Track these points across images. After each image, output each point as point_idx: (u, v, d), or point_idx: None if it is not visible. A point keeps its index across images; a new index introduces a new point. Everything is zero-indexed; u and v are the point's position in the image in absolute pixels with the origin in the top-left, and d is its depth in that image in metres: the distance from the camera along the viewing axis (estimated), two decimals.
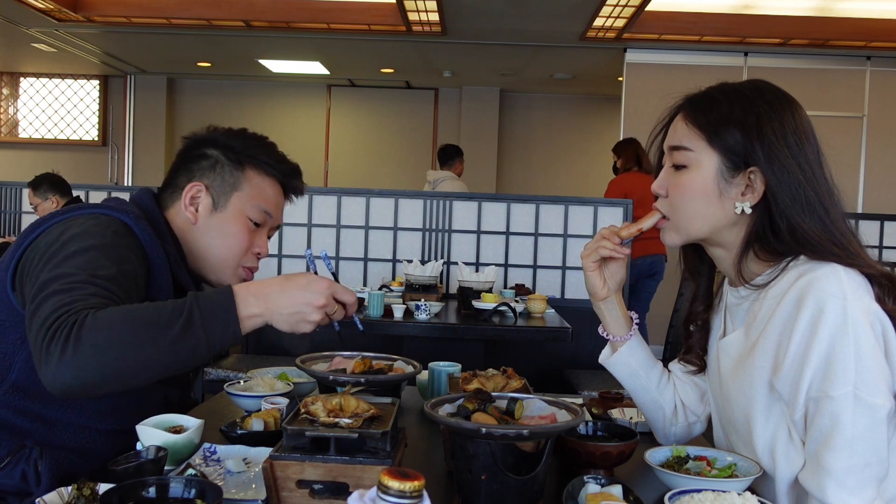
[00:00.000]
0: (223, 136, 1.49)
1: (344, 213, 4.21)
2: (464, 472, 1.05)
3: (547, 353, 3.94)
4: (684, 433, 1.43)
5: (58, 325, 1.05)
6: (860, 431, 1.05)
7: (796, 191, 1.15)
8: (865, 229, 5.07)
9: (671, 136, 1.26)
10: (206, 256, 1.45)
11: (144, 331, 1.05)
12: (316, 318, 1.17)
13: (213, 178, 1.45)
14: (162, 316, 1.07)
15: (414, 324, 2.89)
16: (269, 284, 1.17)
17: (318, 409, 1.07)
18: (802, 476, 1.12)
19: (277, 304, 1.15)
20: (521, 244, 4.17)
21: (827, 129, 7.12)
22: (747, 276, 1.22)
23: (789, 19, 5.90)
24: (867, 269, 1.12)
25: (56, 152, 8.91)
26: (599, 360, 1.43)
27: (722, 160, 1.19)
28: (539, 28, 6.07)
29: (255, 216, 1.46)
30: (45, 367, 1.04)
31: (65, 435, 1.29)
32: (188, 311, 1.08)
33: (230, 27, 6.29)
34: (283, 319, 1.16)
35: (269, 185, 1.48)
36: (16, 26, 6.48)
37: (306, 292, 1.16)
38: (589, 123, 9.07)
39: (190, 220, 1.44)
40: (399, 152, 9.15)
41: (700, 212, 1.21)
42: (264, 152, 1.49)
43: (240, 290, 1.14)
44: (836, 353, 1.06)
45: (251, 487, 1.14)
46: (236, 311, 1.12)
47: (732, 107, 1.19)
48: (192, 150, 1.48)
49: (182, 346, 1.07)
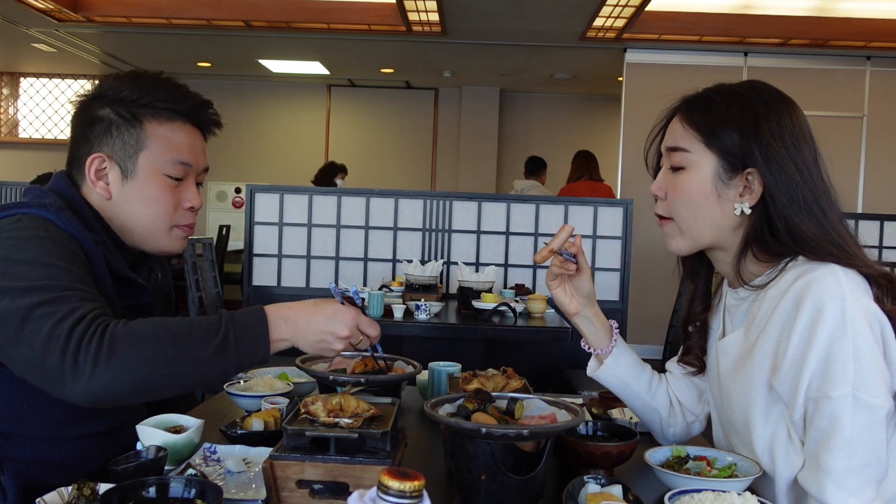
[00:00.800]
0: (111, 87, 1.33)
1: (344, 213, 4.21)
2: (464, 472, 1.05)
3: (547, 353, 3.94)
4: (683, 433, 1.43)
5: (82, 335, 1.02)
6: (859, 432, 1.05)
7: (794, 191, 1.15)
8: (865, 229, 5.07)
9: (668, 137, 1.26)
10: (133, 227, 1.34)
11: (179, 348, 1.06)
12: (339, 347, 1.20)
13: (113, 143, 1.31)
14: (197, 334, 1.08)
15: (414, 324, 2.89)
16: (298, 309, 1.18)
17: (318, 409, 1.07)
18: (802, 476, 1.12)
19: (304, 331, 1.17)
20: (521, 244, 4.17)
21: (827, 129, 7.15)
22: (746, 277, 1.22)
23: (789, 19, 5.90)
24: (865, 269, 1.12)
25: (56, 152, 8.89)
26: (588, 373, 1.43)
27: (719, 162, 1.19)
28: (539, 28, 6.07)
29: (173, 171, 1.33)
30: (74, 380, 1.01)
31: (25, 448, 1.23)
32: (224, 332, 1.09)
33: (230, 27, 6.29)
34: (308, 345, 1.18)
35: (178, 131, 1.34)
36: (16, 26, 6.48)
37: (333, 321, 1.18)
38: (589, 123, 9.06)
39: (104, 196, 1.32)
40: (399, 152, 9.15)
41: (699, 213, 1.21)
42: (160, 95, 1.33)
43: (272, 312, 1.16)
44: (835, 353, 1.06)
45: (251, 487, 1.14)
46: (268, 335, 1.13)
47: (730, 108, 1.19)
48: (83, 113, 1.35)
49: (214, 365, 1.08)
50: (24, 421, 1.23)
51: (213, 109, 1.40)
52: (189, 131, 1.36)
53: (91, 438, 1.28)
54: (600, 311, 1.39)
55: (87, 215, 1.30)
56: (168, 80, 1.36)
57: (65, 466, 1.24)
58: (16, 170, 8.77)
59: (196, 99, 1.37)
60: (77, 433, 1.27)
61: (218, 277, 4.10)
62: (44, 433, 1.24)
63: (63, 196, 1.30)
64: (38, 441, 1.24)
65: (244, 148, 8.97)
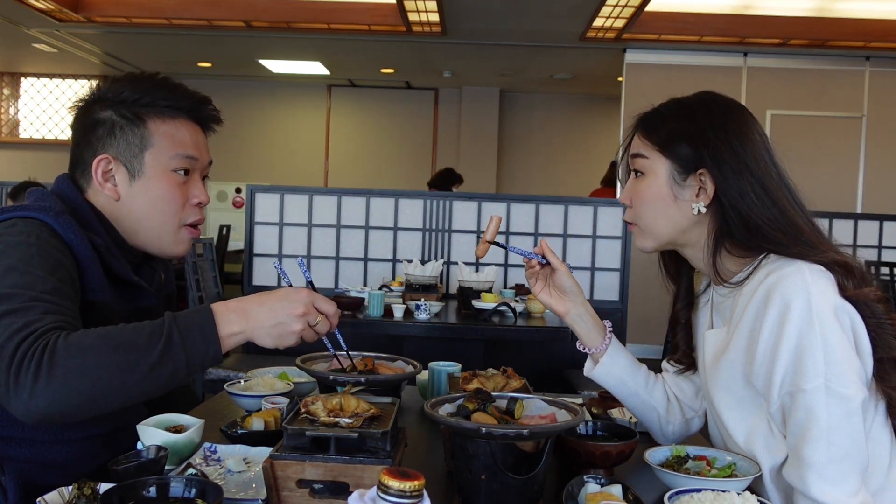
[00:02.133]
0: (111, 89, 1.34)
1: (344, 213, 4.21)
2: (464, 472, 1.05)
3: (547, 353, 3.95)
4: (682, 430, 1.44)
5: (24, 352, 1.00)
6: (836, 422, 1.08)
7: (743, 187, 1.21)
8: (865, 229, 5.07)
9: (631, 148, 1.36)
10: (144, 228, 1.33)
11: (123, 356, 1.02)
12: (297, 327, 1.14)
13: (117, 144, 1.31)
14: (140, 339, 1.04)
15: (414, 324, 2.89)
16: (247, 300, 1.14)
17: (318, 408, 1.07)
18: (785, 471, 1.15)
19: (258, 319, 1.12)
20: (521, 244, 4.15)
21: (826, 129, 7.17)
22: (724, 274, 1.26)
23: (789, 19, 5.90)
24: (820, 258, 1.16)
25: (56, 152, 8.90)
26: (584, 373, 1.44)
27: (673, 166, 1.27)
28: (539, 28, 6.07)
29: (179, 165, 1.33)
30: (16, 398, 0.99)
31: (26, 450, 1.23)
32: (167, 333, 1.05)
33: (230, 27, 6.29)
34: (265, 333, 1.13)
35: (181, 127, 1.34)
36: (16, 26, 6.48)
37: (285, 302, 1.14)
38: (589, 123, 9.07)
39: (112, 198, 1.32)
40: (399, 152, 9.15)
41: (659, 214, 1.29)
42: (161, 94, 1.33)
43: (219, 307, 1.11)
44: (805, 347, 1.10)
45: (251, 487, 1.14)
46: (216, 330, 1.09)
47: (680, 122, 1.29)
48: (84, 117, 1.34)
49: (162, 370, 1.04)
50: (25, 425, 1.21)
51: (213, 106, 1.40)
52: (191, 127, 1.36)
53: (92, 440, 1.28)
54: (592, 310, 1.42)
55: (88, 218, 1.29)
56: (166, 80, 1.36)
57: (66, 467, 1.24)
58: (16, 170, 8.76)
59: (195, 96, 1.37)
60: (78, 436, 1.26)
61: (218, 277, 4.10)
62: (45, 437, 1.24)
63: (65, 199, 1.30)
64: (39, 444, 1.23)
65: (244, 148, 8.97)
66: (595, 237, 4.12)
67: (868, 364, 1.15)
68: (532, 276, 1.40)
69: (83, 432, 1.27)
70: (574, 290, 1.38)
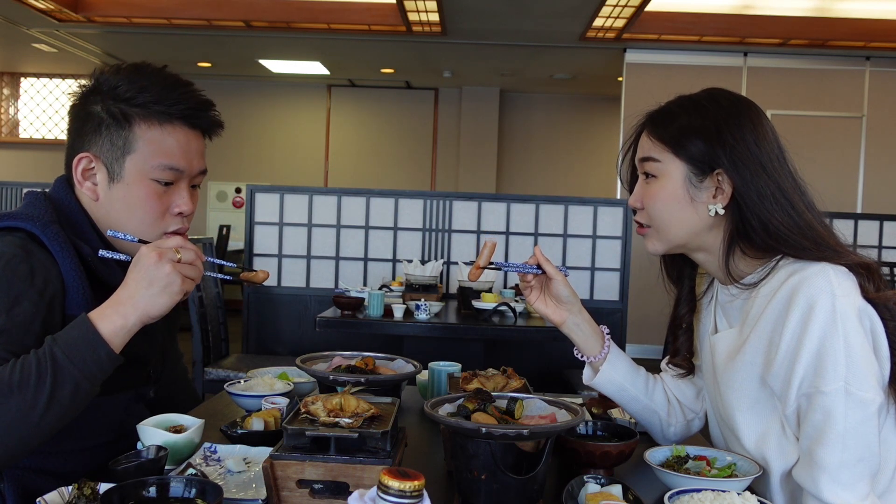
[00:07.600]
0: (108, 79, 1.27)
1: (344, 213, 4.21)
2: (464, 472, 1.05)
3: (547, 353, 3.95)
4: (683, 431, 1.43)
5: None
6: (852, 426, 1.07)
7: (762, 188, 1.19)
8: (865, 229, 5.07)
9: (639, 150, 1.32)
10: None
11: (18, 397, 1.00)
12: (167, 269, 1.08)
13: (101, 143, 1.25)
14: (27, 373, 1.01)
15: (414, 324, 2.89)
16: (115, 292, 1.11)
17: (318, 408, 1.07)
18: (796, 471, 1.14)
19: (132, 297, 1.09)
20: (521, 244, 4.17)
21: (826, 129, 7.17)
22: (737, 274, 1.24)
23: (789, 19, 5.90)
24: (842, 261, 1.15)
25: (56, 152, 8.90)
26: (584, 382, 1.42)
27: (688, 167, 1.24)
28: (539, 28, 6.08)
29: (160, 176, 1.25)
30: None
31: (26, 458, 1.19)
32: (51, 357, 1.03)
33: (230, 27, 6.29)
34: (150, 301, 1.09)
35: (171, 134, 1.26)
36: (16, 26, 6.49)
37: (138, 265, 1.10)
38: (589, 123, 9.07)
39: (91, 197, 1.27)
40: (399, 152, 9.16)
41: (675, 217, 1.26)
42: (156, 96, 1.25)
43: (93, 311, 1.09)
44: (827, 349, 1.08)
45: (251, 487, 1.14)
46: (98, 333, 1.06)
47: (691, 118, 1.24)
48: (80, 106, 1.28)
49: (61, 392, 1.02)
50: None
51: (215, 111, 1.33)
52: (184, 134, 1.28)
53: (92, 450, 1.27)
54: (589, 317, 1.39)
55: (80, 224, 1.27)
56: (168, 78, 1.28)
57: (65, 475, 1.22)
58: (16, 170, 8.78)
59: (195, 100, 1.29)
60: (77, 447, 1.26)
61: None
62: (44, 447, 1.20)
63: (59, 204, 1.27)
64: (38, 453, 1.21)
65: (244, 148, 8.97)
66: (595, 237, 4.12)
67: (885, 367, 1.13)
68: (527, 288, 1.37)
69: (83, 443, 1.26)
70: (570, 298, 1.34)
